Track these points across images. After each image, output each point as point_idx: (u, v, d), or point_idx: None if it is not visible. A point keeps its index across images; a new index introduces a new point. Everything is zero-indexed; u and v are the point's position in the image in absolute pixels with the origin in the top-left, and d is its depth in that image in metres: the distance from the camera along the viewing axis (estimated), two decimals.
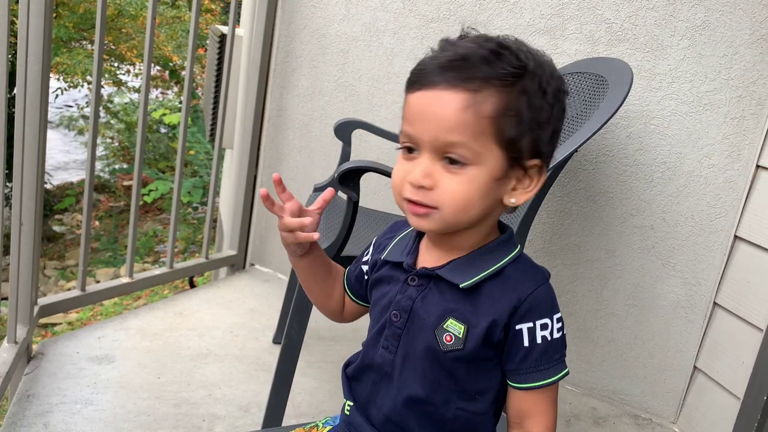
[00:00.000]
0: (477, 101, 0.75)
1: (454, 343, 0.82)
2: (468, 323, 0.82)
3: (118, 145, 9.25)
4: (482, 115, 0.75)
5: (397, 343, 0.87)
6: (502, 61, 0.76)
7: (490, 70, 0.75)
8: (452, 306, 0.83)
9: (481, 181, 0.77)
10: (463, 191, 0.77)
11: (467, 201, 0.78)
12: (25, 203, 1.63)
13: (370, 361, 0.91)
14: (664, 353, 1.86)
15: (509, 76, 0.75)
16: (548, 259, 1.95)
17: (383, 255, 0.92)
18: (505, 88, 0.75)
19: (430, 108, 0.76)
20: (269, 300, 2.28)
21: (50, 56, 1.60)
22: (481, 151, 0.76)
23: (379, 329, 0.89)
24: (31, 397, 1.58)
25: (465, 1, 1.97)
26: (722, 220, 1.74)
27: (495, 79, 0.75)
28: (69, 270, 6.73)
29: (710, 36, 1.68)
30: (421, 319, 0.84)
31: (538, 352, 0.82)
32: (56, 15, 7.58)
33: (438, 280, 0.85)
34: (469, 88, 0.74)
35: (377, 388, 0.90)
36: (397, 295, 0.87)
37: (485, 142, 0.76)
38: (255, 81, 2.34)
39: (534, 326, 0.81)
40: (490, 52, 0.76)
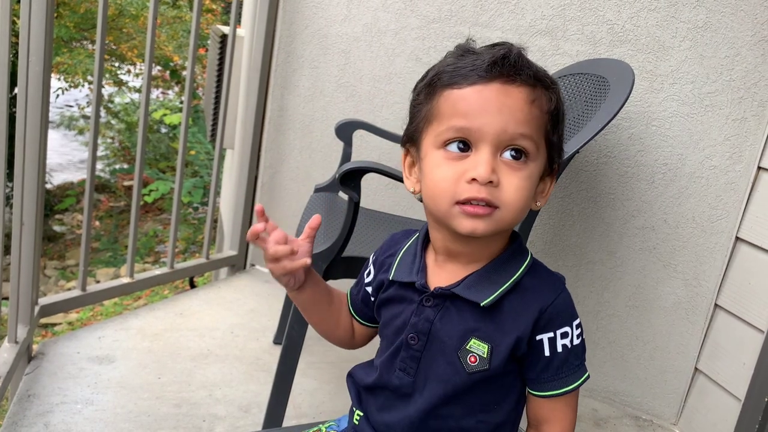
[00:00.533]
0: (537, 96, 0.77)
1: (479, 363, 0.80)
2: (492, 342, 0.79)
3: (119, 145, 9.25)
4: (543, 110, 0.77)
5: (416, 366, 0.84)
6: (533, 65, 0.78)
7: (537, 69, 0.78)
8: (473, 325, 0.80)
9: (535, 177, 0.78)
10: (525, 188, 0.76)
11: (528, 198, 0.77)
12: (26, 203, 1.63)
13: (386, 383, 0.87)
14: (665, 354, 1.86)
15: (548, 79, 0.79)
16: (549, 260, 1.95)
17: (390, 275, 0.88)
18: (549, 89, 0.78)
19: (498, 100, 0.75)
20: (270, 300, 2.28)
21: (51, 56, 1.60)
22: (540, 146, 0.78)
23: (394, 351, 0.86)
24: (32, 397, 1.58)
25: (466, 2, 1.97)
26: (723, 221, 1.74)
27: (542, 77, 0.78)
28: (69, 270, 6.73)
29: (712, 37, 1.68)
30: (442, 341, 0.82)
31: (560, 361, 0.80)
32: (57, 15, 7.58)
33: (454, 299, 0.81)
34: (528, 83, 0.76)
35: (392, 405, 0.87)
36: (412, 317, 0.84)
37: (541, 137, 0.78)
38: (256, 81, 2.34)
39: (554, 336, 0.80)
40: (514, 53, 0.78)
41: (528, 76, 0.76)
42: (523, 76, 0.76)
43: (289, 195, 2.41)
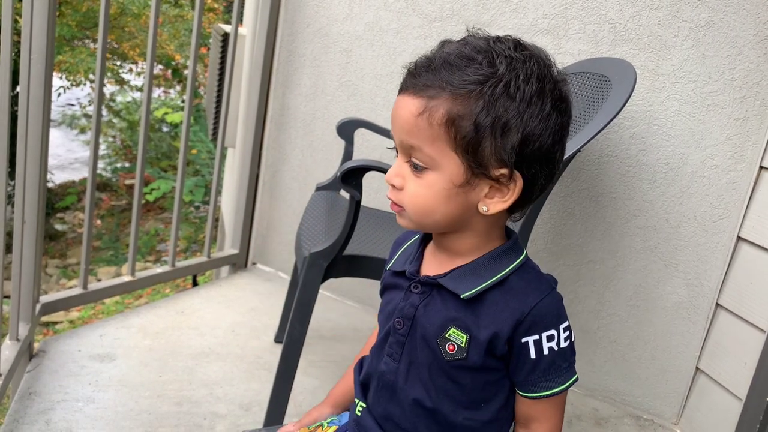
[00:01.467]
0: (430, 107, 0.76)
1: (457, 352, 0.82)
2: (470, 332, 0.81)
3: (121, 143, 9.27)
4: (434, 122, 0.76)
5: (401, 351, 0.86)
6: (469, 66, 0.75)
7: (448, 76, 0.75)
8: (454, 315, 0.82)
9: (439, 186, 0.78)
10: (421, 195, 0.79)
11: (426, 205, 0.80)
12: (28, 201, 1.63)
13: (374, 369, 0.91)
14: (666, 354, 1.86)
15: (468, 83, 0.75)
16: (550, 260, 1.95)
17: (388, 266, 0.93)
18: (460, 96, 0.75)
19: (397, 111, 0.80)
20: (271, 299, 2.28)
21: (53, 54, 1.60)
22: (436, 156, 0.77)
23: (384, 337, 0.89)
24: (33, 394, 1.58)
25: (468, 1, 1.96)
26: (725, 221, 1.74)
27: (450, 85, 0.75)
28: (71, 268, 6.74)
29: (714, 36, 1.67)
30: (424, 327, 0.84)
31: (546, 363, 0.81)
32: (59, 13, 7.59)
33: (440, 289, 0.84)
34: (425, 94, 0.76)
35: (380, 394, 0.89)
36: (400, 303, 0.87)
37: (442, 147, 0.76)
38: (258, 80, 2.34)
39: (540, 339, 0.80)
40: (459, 57, 0.76)
41: (425, 87, 0.76)
42: (417, 88, 0.77)
43: (291, 194, 2.41)
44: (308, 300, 1.44)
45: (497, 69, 0.75)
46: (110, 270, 6.45)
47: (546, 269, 1.97)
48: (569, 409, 1.89)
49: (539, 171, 0.79)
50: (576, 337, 1.95)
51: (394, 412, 0.88)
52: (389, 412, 0.88)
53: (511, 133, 0.75)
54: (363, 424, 0.92)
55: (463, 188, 0.78)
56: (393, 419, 0.88)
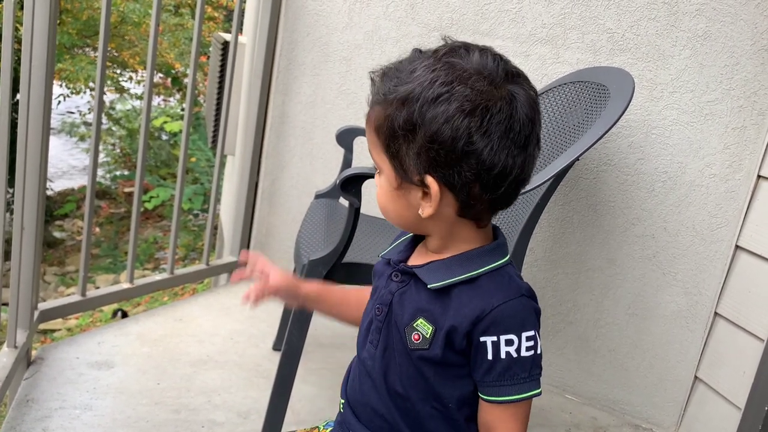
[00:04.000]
0: (369, 116, 0.84)
1: (421, 342, 0.84)
2: (436, 325, 0.83)
3: (120, 151, 9.28)
4: (371, 129, 0.84)
5: (378, 336, 0.89)
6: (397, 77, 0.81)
7: (381, 86, 0.83)
8: (425, 306, 0.85)
9: (385, 187, 0.85)
10: (378, 195, 0.87)
11: (381, 203, 0.87)
12: (27, 209, 1.63)
13: (357, 356, 0.95)
14: (665, 363, 1.86)
15: (390, 92, 0.80)
16: (549, 268, 1.95)
17: (382, 253, 0.96)
18: (383, 104, 0.81)
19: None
20: (269, 307, 2.26)
21: (54, 62, 1.61)
22: (378, 160, 0.85)
23: (368, 324, 0.92)
24: (31, 402, 1.58)
25: (467, 11, 1.98)
26: (723, 229, 1.74)
27: (378, 95, 0.83)
28: (69, 276, 6.73)
29: (711, 46, 1.68)
30: (397, 314, 0.87)
31: (502, 367, 0.81)
32: (60, 22, 7.61)
33: (416, 279, 0.87)
34: (369, 103, 0.85)
35: (361, 383, 0.92)
36: (382, 290, 0.90)
37: (378, 152, 0.84)
38: (257, 88, 2.35)
39: (498, 340, 0.80)
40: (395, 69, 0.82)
41: (369, 97, 0.84)
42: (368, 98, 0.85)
43: (290, 201, 2.42)
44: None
45: (413, 77, 0.79)
46: (109, 278, 6.45)
47: (544, 278, 1.98)
48: (567, 418, 1.88)
49: (457, 176, 0.78)
50: (575, 346, 1.95)
51: (372, 399, 0.90)
52: (368, 398, 0.91)
53: (417, 138, 0.78)
54: (345, 421, 0.95)
55: (399, 191, 0.83)
56: (371, 405, 0.90)
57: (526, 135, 0.79)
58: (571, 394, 2.00)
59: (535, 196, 1.48)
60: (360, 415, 0.92)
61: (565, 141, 1.55)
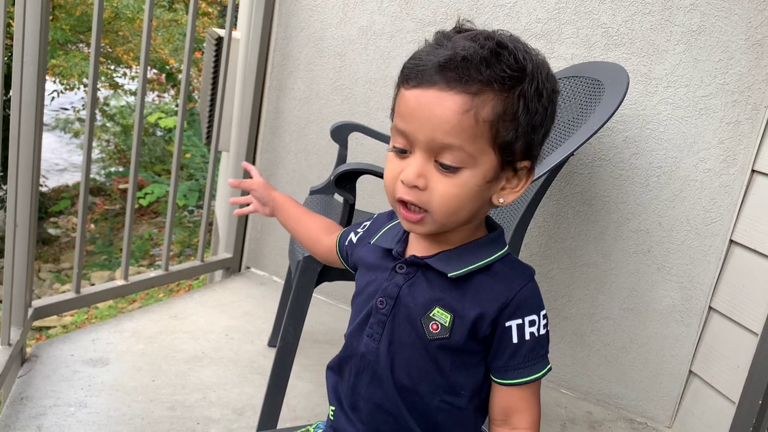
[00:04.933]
0: (476, 105, 0.73)
1: (440, 331, 0.82)
2: (454, 312, 0.82)
3: (114, 148, 9.25)
4: (481, 119, 0.74)
5: (381, 330, 0.87)
6: (501, 62, 0.74)
7: (490, 72, 0.73)
8: (439, 295, 0.83)
9: (472, 183, 0.77)
10: (454, 194, 0.77)
11: (458, 204, 0.78)
12: (20, 205, 1.62)
13: (353, 351, 0.90)
14: (660, 357, 1.86)
15: (508, 79, 0.74)
16: (544, 263, 1.95)
17: (373, 240, 0.93)
18: (503, 92, 0.74)
19: (429, 107, 0.74)
20: (265, 303, 2.27)
21: (46, 58, 1.60)
22: (476, 154, 0.75)
23: (365, 317, 0.89)
24: (25, 399, 1.57)
25: (462, 5, 1.97)
26: (718, 224, 1.74)
27: (494, 82, 0.73)
28: (64, 273, 6.72)
29: (706, 41, 1.68)
30: (407, 307, 0.85)
31: (527, 349, 0.82)
32: (53, 17, 7.58)
33: (426, 269, 0.85)
34: (469, 90, 0.73)
35: (360, 379, 0.89)
36: (384, 283, 0.87)
37: (482, 145, 0.75)
38: (252, 84, 2.34)
39: (523, 323, 0.82)
40: (490, 52, 0.74)
41: (469, 83, 0.73)
42: (462, 84, 0.73)
43: None
44: (302, 304, 1.43)
45: (525, 66, 0.76)
46: (104, 274, 6.43)
47: (539, 272, 1.98)
48: (563, 413, 1.89)
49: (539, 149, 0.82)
50: (570, 341, 1.96)
51: (376, 394, 0.87)
52: (371, 394, 0.88)
53: (539, 130, 0.79)
54: (337, 428, 0.92)
55: (490, 183, 0.79)
56: (374, 401, 0.88)
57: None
58: (566, 389, 2.00)
59: (530, 191, 1.48)
60: (359, 414, 0.89)
61: (560, 136, 1.55)
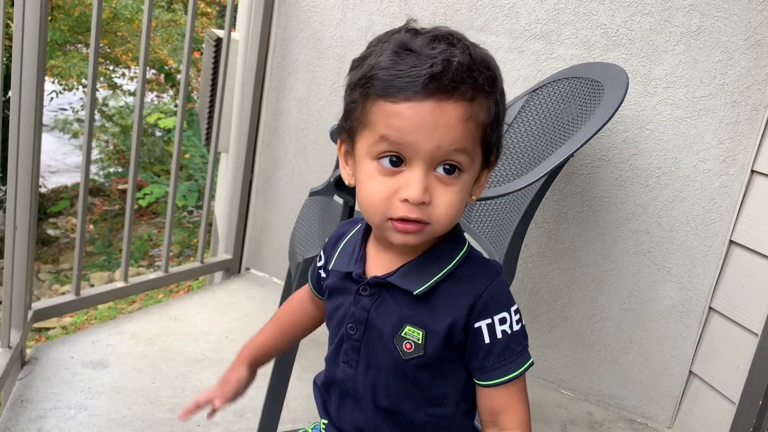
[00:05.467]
0: (474, 110, 0.74)
1: (414, 349, 0.81)
2: (425, 328, 0.81)
3: (113, 148, 9.24)
4: (479, 123, 0.75)
5: (357, 356, 0.85)
6: (479, 66, 0.75)
7: (477, 77, 0.74)
8: (408, 312, 0.81)
9: (468, 186, 0.79)
10: (457, 201, 0.77)
11: (459, 210, 0.78)
12: (20, 207, 1.62)
13: (332, 377, 0.89)
14: (660, 358, 1.86)
15: (490, 83, 0.76)
16: (544, 264, 1.95)
17: (330, 265, 0.90)
18: (491, 96, 0.77)
19: (433, 117, 0.73)
20: (265, 304, 2.27)
21: (45, 59, 1.60)
22: (475, 155, 0.77)
23: (338, 344, 0.87)
24: (25, 402, 1.57)
25: (461, 6, 1.97)
26: (717, 224, 1.74)
27: (483, 86, 0.75)
28: (63, 274, 6.71)
29: (705, 41, 1.68)
30: (378, 329, 0.83)
31: (501, 347, 0.81)
32: (52, 18, 7.57)
33: (390, 288, 0.83)
34: (465, 98, 0.74)
35: (343, 403, 0.89)
36: (351, 307, 0.85)
37: (476, 147, 0.77)
38: (251, 85, 2.34)
39: (493, 322, 0.81)
40: (469, 56, 0.75)
41: (465, 91, 0.73)
42: (460, 92, 0.73)
43: (284, 199, 2.41)
44: None
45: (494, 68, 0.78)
46: (103, 275, 6.43)
47: (539, 273, 1.98)
48: (563, 413, 1.89)
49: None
50: (570, 341, 1.96)
51: (359, 418, 0.87)
52: (355, 418, 0.87)
53: (501, 123, 0.80)
54: None
55: (474, 183, 0.81)
56: (357, 425, 0.87)
57: None
58: (566, 390, 2.00)
59: (530, 192, 1.48)
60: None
61: (560, 137, 1.55)
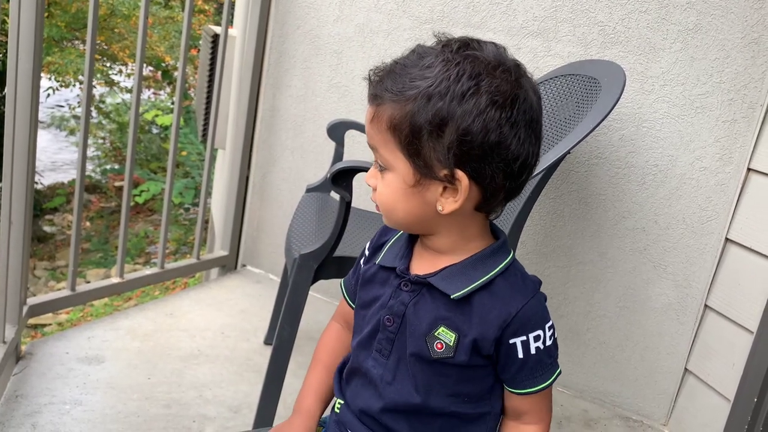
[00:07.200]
0: (378, 114, 0.81)
1: (445, 350, 0.83)
2: (459, 332, 0.83)
3: (110, 145, 9.21)
4: (382, 128, 0.80)
5: (390, 347, 0.88)
6: (409, 73, 0.78)
7: (391, 84, 0.79)
8: (444, 314, 0.84)
9: (395, 185, 0.82)
10: (383, 194, 0.83)
11: (388, 203, 0.83)
12: (15, 203, 1.62)
13: (359, 365, 0.91)
14: (656, 355, 1.87)
15: (406, 88, 0.78)
16: (540, 261, 1.96)
17: (377, 260, 0.92)
18: (399, 101, 0.78)
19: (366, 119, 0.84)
20: (261, 301, 2.27)
21: (41, 55, 1.59)
22: (390, 158, 0.81)
23: (372, 332, 0.89)
24: (20, 397, 1.57)
25: (458, 3, 1.97)
26: (713, 222, 1.75)
27: (390, 92, 0.79)
28: (59, 271, 6.69)
29: (702, 39, 1.68)
30: (413, 325, 0.85)
31: (534, 362, 0.84)
32: (48, 14, 7.54)
33: (430, 288, 0.85)
34: (375, 102, 0.81)
35: (365, 391, 0.90)
36: (390, 300, 0.88)
37: (393, 150, 0.80)
38: (248, 81, 2.33)
39: (527, 339, 0.83)
40: (402, 65, 0.80)
41: (374, 96, 0.81)
42: (371, 96, 0.82)
43: (281, 195, 2.41)
44: (298, 302, 1.43)
45: (431, 73, 0.77)
46: (99, 272, 6.41)
47: (535, 270, 1.98)
48: (559, 411, 1.89)
49: (487, 168, 0.78)
50: (565, 338, 1.96)
51: (374, 407, 0.89)
52: (370, 406, 0.89)
53: (447, 133, 0.77)
54: (343, 421, 0.93)
55: (416, 188, 0.81)
56: (371, 414, 0.89)
57: (540, 123, 0.82)
58: (562, 387, 2.00)
59: (526, 189, 1.48)
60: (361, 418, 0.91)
61: (557, 134, 1.55)
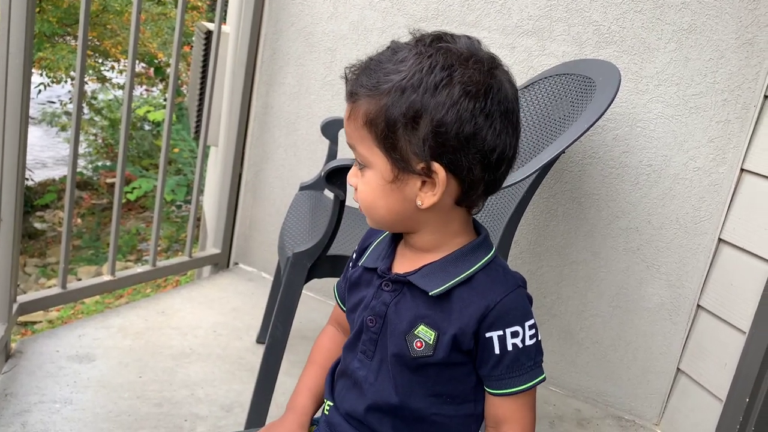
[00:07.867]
0: (354, 110, 0.81)
1: (424, 349, 0.83)
2: (439, 330, 0.83)
3: (102, 142, 9.16)
4: (359, 124, 0.80)
5: (374, 348, 0.88)
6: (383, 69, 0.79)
7: (365, 80, 0.80)
8: (424, 312, 0.84)
9: (374, 182, 0.82)
10: (363, 191, 0.83)
11: (368, 201, 0.83)
12: (5, 199, 1.60)
13: (345, 367, 0.92)
14: (648, 355, 1.87)
15: (379, 83, 0.78)
16: (533, 261, 1.96)
17: (360, 262, 0.93)
18: (373, 97, 0.78)
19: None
20: (253, 299, 2.26)
21: (32, 51, 1.58)
22: (368, 155, 0.81)
23: (357, 334, 0.90)
24: (9, 396, 1.55)
25: (453, 1, 1.96)
26: (707, 222, 1.75)
27: (364, 88, 0.79)
28: (50, 268, 6.65)
29: (697, 40, 1.69)
30: (394, 324, 0.85)
31: (510, 359, 0.82)
32: (40, 10, 7.50)
33: (410, 286, 0.85)
34: (350, 100, 0.82)
35: (350, 392, 0.91)
36: (372, 300, 0.88)
37: (370, 146, 0.80)
38: (241, 78, 2.32)
39: (504, 334, 0.82)
40: (376, 61, 0.80)
41: (351, 93, 0.81)
42: (348, 94, 0.82)
43: (274, 193, 2.40)
44: (291, 300, 1.42)
45: (404, 67, 0.78)
46: (91, 269, 6.38)
47: (529, 270, 1.98)
48: (551, 410, 1.89)
49: (464, 160, 0.78)
50: (558, 338, 1.96)
51: (358, 409, 0.89)
52: (355, 408, 0.89)
53: (421, 125, 0.77)
54: (332, 422, 0.93)
55: (395, 184, 0.80)
56: (356, 416, 0.89)
57: (517, 115, 0.81)
58: (554, 386, 2.00)
59: (520, 188, 1.48)
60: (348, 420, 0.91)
61: (551, 133, 1.55)
